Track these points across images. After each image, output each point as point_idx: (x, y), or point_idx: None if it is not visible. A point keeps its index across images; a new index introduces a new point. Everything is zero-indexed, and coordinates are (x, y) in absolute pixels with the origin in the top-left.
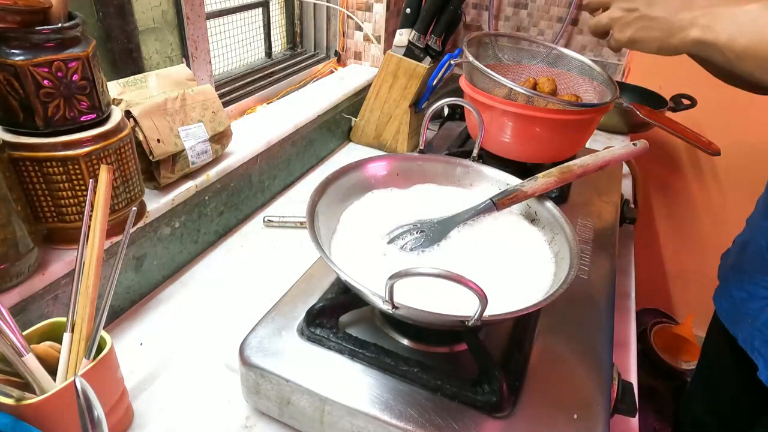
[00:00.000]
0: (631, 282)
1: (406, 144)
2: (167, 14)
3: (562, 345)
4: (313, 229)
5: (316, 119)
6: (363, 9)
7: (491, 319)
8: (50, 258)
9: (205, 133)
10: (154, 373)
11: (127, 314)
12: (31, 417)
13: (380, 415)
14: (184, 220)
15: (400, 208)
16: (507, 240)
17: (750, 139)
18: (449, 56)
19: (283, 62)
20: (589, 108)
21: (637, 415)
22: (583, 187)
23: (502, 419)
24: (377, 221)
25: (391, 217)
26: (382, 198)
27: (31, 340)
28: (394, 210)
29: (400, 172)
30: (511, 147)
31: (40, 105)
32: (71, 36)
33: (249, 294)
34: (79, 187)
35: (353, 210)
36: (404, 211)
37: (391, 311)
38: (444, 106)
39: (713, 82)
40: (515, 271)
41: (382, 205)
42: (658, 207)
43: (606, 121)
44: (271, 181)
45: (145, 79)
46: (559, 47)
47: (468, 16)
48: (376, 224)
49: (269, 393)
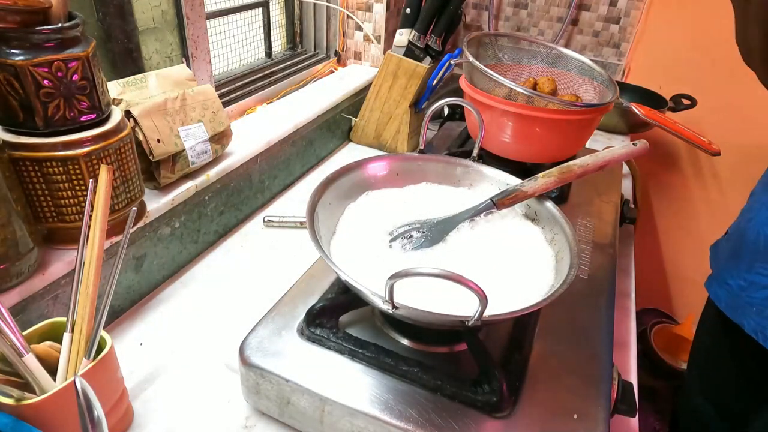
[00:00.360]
0: (631, 282)
1: (406, 144)
2: (167, 14)
3: (562, 345)
4: (313, 229)
5: (316, 119)
6: (363, 9)
7: (491, 319)
8: (50, 258)
9: (205, 133)
10: (154, 373)
11: (127, 314)
12: (31, 417)
13: (380, 415)
14: (184, 220)
15: (400, 208)
16: (507, 239)
17: (750, 139)
18: (449, 56)
19: (283, 62)
20: (589, 108)
21: (637, 415)
22: (583, 187)
23: (502, 419)
24: (377, 221)
25: (391, 217)
26: (382, 198)
27: (31, 340)
28: (393, 210)
29: (400, 172)
30: (511, 147)
31: (40, 105)
32: (71, 36)
33: (249, 294)
34: (79, 187)
35: (353, 210)
36: (404, 210)
37: (391, 311)
38: (444, 106)
39: (713, 82)
40: (516, 270)
41: (382, 205)
42: (658, 207)
43: (606, 121)
44: (271, 181)
45: (145, 79)
46: (559, 47)
47: (468, 16)
48: (376, 224)
49: (269, 393)
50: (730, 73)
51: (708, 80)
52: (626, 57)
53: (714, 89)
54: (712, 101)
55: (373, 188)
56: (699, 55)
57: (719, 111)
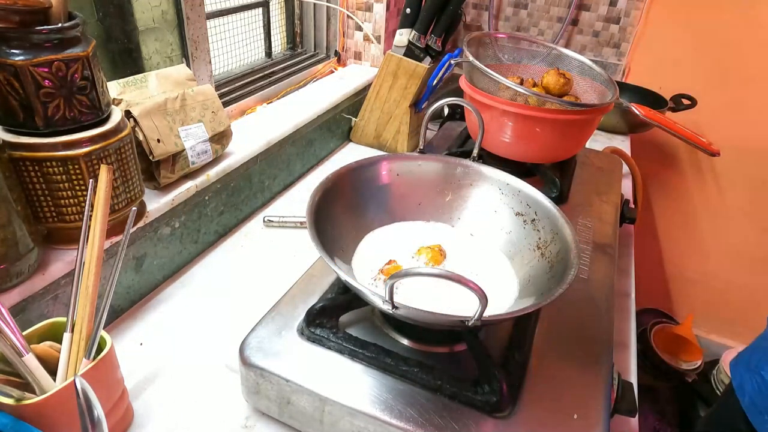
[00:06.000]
0: (631, 282)
1: (406, 144)
2: (167, 14)
3: (562, 345)
4: (313, 229)
5: (316, 119)
6: (363, 9)
7: (491, 319)
8: (50, 258)
9: (205, 133)
10: (154, 373)
11: (127, 314)
12: (31, 417)
13: (380, 415)
14: (184, 220)
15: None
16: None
17: (750, 139)
18: (449, 56)
19: (283, 62)
20: (589, 108)
21: (637, 415)
22: (583, 187)
23: (502, 419)
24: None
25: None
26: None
27: (31, 340)
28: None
29: (400, 172)
30: (511, 147)
31: (40, 105)
32: (71, 36)
33: (249, 294)
34: (79, 187)
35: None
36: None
37: (391, 311)
38: (444, 106)
39: (713, 82)
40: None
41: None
42: (658, 207)
43: (606, 121)
44: (271, 181)
45: (145, 79)
46: (559, 47)
47: (468, 16)
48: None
49: (269, 393)
50: (730, 73)
51: (708, 80)
52: (626, 57)
53: (714, 89)
54: (712, 101)
55: (374, 188)
56: (699, 55)
57: (719, 111)
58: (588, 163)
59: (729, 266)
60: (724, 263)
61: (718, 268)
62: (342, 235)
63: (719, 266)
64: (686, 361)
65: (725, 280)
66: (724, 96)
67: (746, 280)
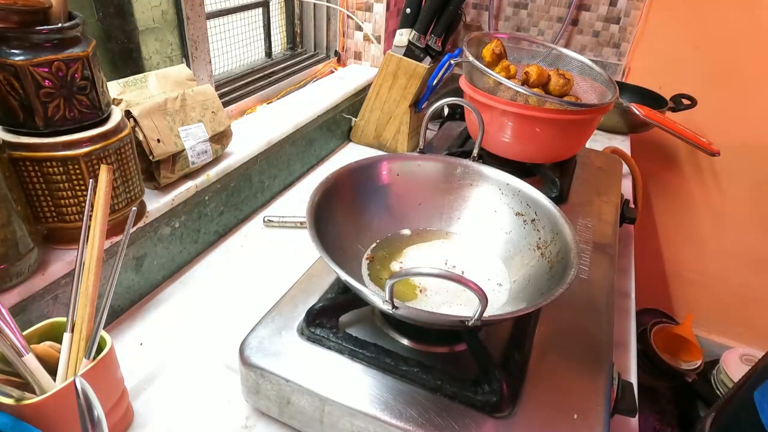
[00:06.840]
0: (631, 282)
1: (406, 144)
2: (167, 14)
3: (562, 345)
4: (313, 229)
5: (316, 119)
6: (363, 9)
7: (491, 320)
8: (50, 258)
9: (205, 133)
10: (154, 373)
11: (127, 314)
12: (31, 417)
13: (380, 415)
14: (184, 220)
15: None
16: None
17: (750, 139)
18: (449, 56)
19: (283, 62)
20: (589, 108)
21: (637, 415)
22: (583, 187)
23: (502, 419)
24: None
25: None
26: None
27: (31, 340)
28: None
29: (400, 172)
30: (511, 147)
31: (40, 105)
32: (71, 36)
33: (249, 294)
34: (79, 187)
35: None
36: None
37: (391, 311)
38: (444, 106)
39: (713, 82)
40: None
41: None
42: (658, 207)
43: (606, 121)
44: (271, 181)
45: (145, 79)
46: (559, 47)
47: (468, 16)
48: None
49: (269, 393)
50: (730, 73)
51: (708, 80)
52: (626, 57)
53: (714, 89)
54: (712, 101)
55: (374, 188)
56: (699, 55)
57: (719, 111)
58: (588, 163)
59: (729, 266)
60: (724, 263)
61: (718, 268)
62: (342, 235)
63: (719, 266)
64: (686, 361)
65: (725, 280)
66: (724, 96)
67: (746, 280)
